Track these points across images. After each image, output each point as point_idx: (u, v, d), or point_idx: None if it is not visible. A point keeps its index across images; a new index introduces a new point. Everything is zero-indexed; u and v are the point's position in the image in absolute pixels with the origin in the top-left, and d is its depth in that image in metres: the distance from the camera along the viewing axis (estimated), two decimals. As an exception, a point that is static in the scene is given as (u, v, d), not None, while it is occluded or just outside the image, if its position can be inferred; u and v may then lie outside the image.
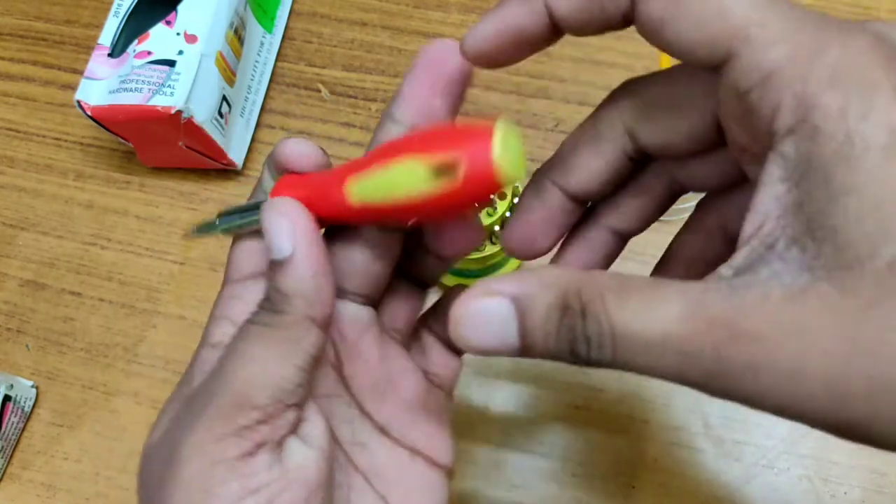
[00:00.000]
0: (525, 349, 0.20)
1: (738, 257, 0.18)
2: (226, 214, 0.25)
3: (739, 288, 0.17)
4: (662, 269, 0.27)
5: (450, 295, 0.28)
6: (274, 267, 0.22)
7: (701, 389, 0.18)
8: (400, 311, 0.27)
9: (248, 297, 0.23)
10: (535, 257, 0.25)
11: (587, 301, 0.18)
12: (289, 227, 0.22)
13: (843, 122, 0.16)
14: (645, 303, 0.18)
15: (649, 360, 0.18)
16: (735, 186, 0.24)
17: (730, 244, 0.23)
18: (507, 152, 0.19)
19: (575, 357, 0.19)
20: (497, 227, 0.38)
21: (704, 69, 0.18)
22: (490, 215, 0.37)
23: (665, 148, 0.23)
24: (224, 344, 0.23)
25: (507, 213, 0.38)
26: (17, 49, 0.53)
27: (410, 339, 0.28)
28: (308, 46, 0.52)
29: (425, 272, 0.27)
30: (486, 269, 0.42)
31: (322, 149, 0.25)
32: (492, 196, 0.38)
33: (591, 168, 0.23)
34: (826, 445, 0.40)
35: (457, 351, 0.28)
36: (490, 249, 0.39)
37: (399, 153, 0.21)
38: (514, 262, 0.43)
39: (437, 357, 0.28)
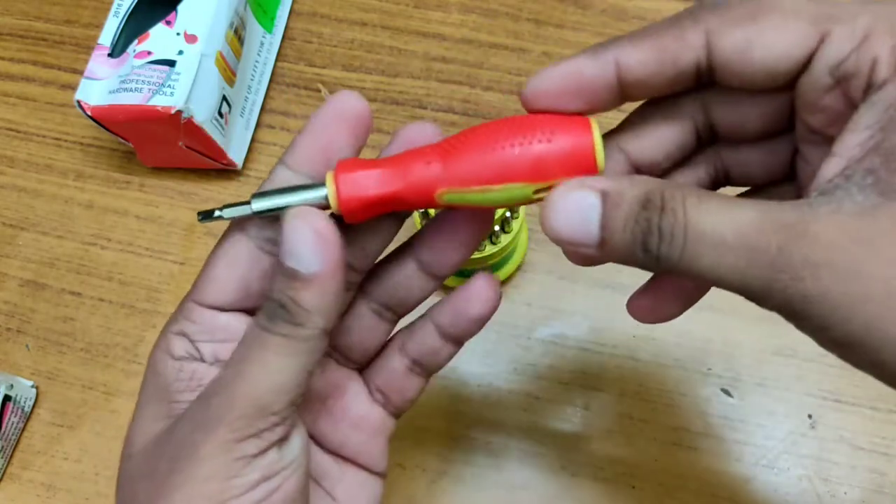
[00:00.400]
0: (603, 242, 0.21)
1: (816, 189, 0.19)
2: (260, 196, 0.24)
3: (814, 204, 0.19)
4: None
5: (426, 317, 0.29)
6: (295, 278, 0.22)
7: (758, 292, 0.19)
8: (364, 335, 0.29)
9: (216, 332, 0.25)
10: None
11: (668, 198, 0.20)
12: (319, 244, 0.22)
13: None
14: (722, 206, 0.19)
15: (716, 258, 0.19)
16: (773, 184, 0.25)
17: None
18: (601, 156, 0.22)
19: (645, 251, 0.20)
20: (497, 227, 0.38)
21: (787, 75, 0.20)
22: (490, 215, 0.37)
23: (735, 128, 0.23)
24: (186, 358, 0.25)
25: (507, 214, 0.38)
26: (17, 49, 0.53)
27: (376, 359, 0.30)
28: (308, 46, 0.52)
29: (402, 299, 0.28)
30: (485, 269, 0.42)
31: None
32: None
33: (662, 136, 0.24)
34: (826, 446, 0.40)
35: (426, 373, 0.30)
36: (490, 250, 0.39)
37: (504, 177, 0.22)
38: (514, 262, 0.43)
39: (397, 382, 0.29)
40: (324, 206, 0.23)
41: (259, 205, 0.23)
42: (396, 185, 0.23)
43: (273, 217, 0.24)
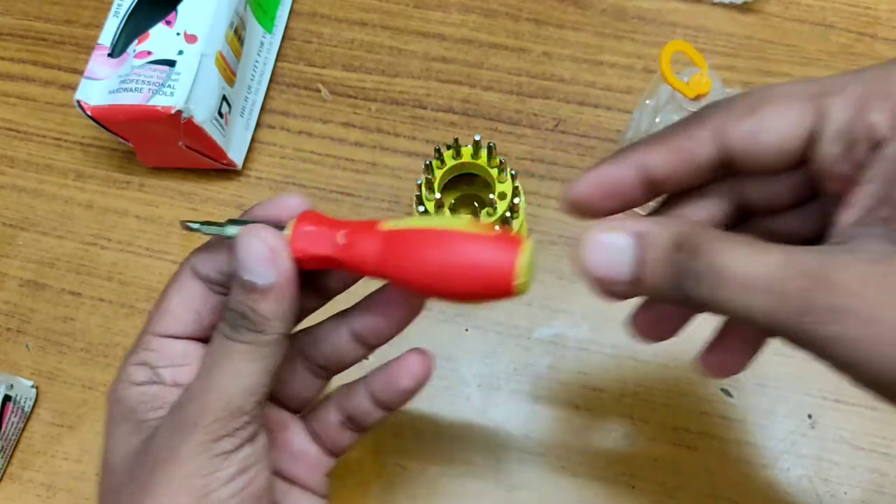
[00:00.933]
0: (635, 281, 0.22)
1: (833, 237, 0.21)
2: (234, 222, 0.27)
3: (832, 252, 0.20)
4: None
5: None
6: (253, 290, 0.25)
7: (785, 332, 0.20)
8: (300, 389, 0.31)
9: (175, 358, 0.28)
10: (591, 216, 0.26)
11: (700, 241, 0.21)
12: (272, 258, 0.25)
13: None
14: (749, 250, 0.21)
15: (746, 300, 0.20)
16: (783, 210, 0.26)
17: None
18: (525, 275, 0.24)
19: (678, 290, 0.21)
20: (497, 227, 0.38)
21: (796, 153, 0.23)
22: (490, 215, 0.37)
23: (766, 203, 0.25)
24: (147, 383, 0.27)
25: (507, 214, 0.38)
26: (17, 49, 0.53)
27: (316, 408, 0.32)
28: (308, 46, 0.52)
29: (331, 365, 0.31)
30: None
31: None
32: (492, 196, 0.38)
33: (682, 148, 0.24)
34: (826, 446, 0.40)
35: (358, 429, 0.32)
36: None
37: (428, 289, 0.25)
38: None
39: (331, 432, 0.31)
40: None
41: (232, 230, 0.26)
42: (339, 253, 0.25)
43: (230, 245, 0.26)
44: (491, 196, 0.37)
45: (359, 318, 0.29)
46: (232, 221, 0.26)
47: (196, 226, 0.27)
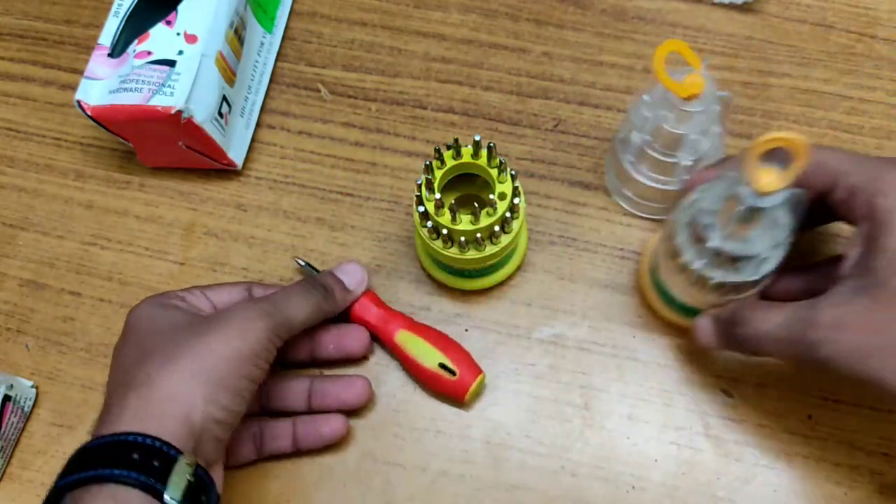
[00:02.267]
0: (719, 344, 0.37)
1: (837, 278, 0.34)
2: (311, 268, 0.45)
3: (819, 300, 0.33)
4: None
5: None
6: (343, 288, 0.41)
7: (802, 362, 0.33)
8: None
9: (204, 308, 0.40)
10: None
11: (742, 316, 0.35)
12: (363, 279, 0.42)
13: (888, 215, 0.32)
14: (767, 312, 0.34)
15: (774, 346, 0.34)
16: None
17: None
18: (471, 398, 0.41)
19: (740, 347, 0.36)
20: (497, 228, 0.38)
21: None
22: (490, 215, 0.37)
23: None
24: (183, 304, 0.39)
25: (507, 214, 0.38)
26: (17, 49, 0.53)
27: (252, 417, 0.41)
28: (308, 46, 0.52)
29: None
30: (485, 269, 0.42)
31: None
32: (492, 197, 0.38)
33: None
34: (825, 446, 0.40)
35: (256, 453, 0.41)
36: (490, 249, 0.39)
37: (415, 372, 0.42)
38: (514, 262, 0.43)
39: (238, 444, 0.40)
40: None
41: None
42: (376, 322, 0.43)
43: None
44: (491, 196, 0.37)
45: (322, 384, 0.41)
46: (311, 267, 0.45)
47: (303, 263, 0.44)
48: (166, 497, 0.31)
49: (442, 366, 0.40)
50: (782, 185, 0.30)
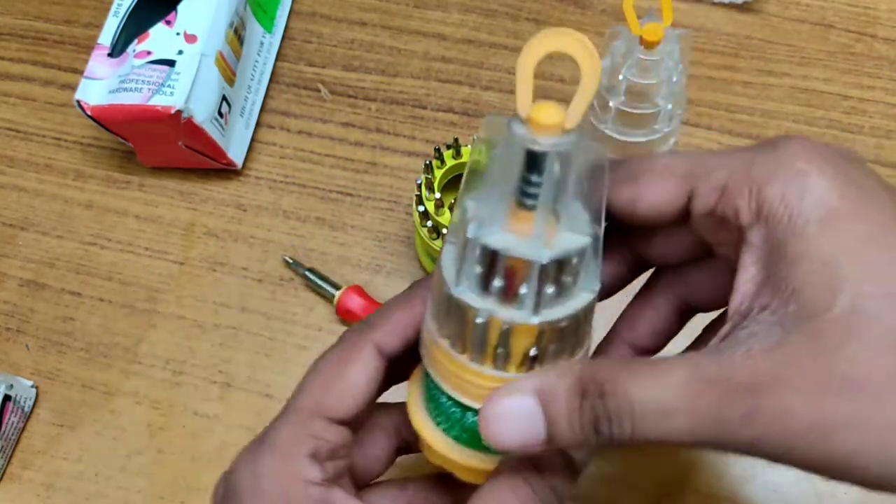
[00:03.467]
0: (551, 439, 0.21)
1: (723, 329, 0.21)
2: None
3: (725, 350, 0.20)
4: (609, 345, 0.30)
5: None
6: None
7: (715, 447, 0.20)
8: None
9: (339, 450, 0.25)
10: None
11: (603, 381, 0.21)
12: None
13: (786, 206, 0.21)
14: (653, 373, 0.20)
15: (665, 427, 0.20)
16: (691, 262, 0.27)
17: (680, 316, 0.28)
18: None
19: (598, 436, 0.21)
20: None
21: (672, 220, 0.24)
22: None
23: (661, 258, 0.27)
24: (320, 485, 0.24)
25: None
26: (17, 49, 0.53)
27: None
28: (308, 46, 0.52)
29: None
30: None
31: None
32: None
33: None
34: (826, 445, 0.40)
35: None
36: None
37: None
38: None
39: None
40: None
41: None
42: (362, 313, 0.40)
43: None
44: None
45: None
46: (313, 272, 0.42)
47: (290, 261, 0.39)
48: None
49: None
50: (568, 120, 0.22)
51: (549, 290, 0.21)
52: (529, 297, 0.21)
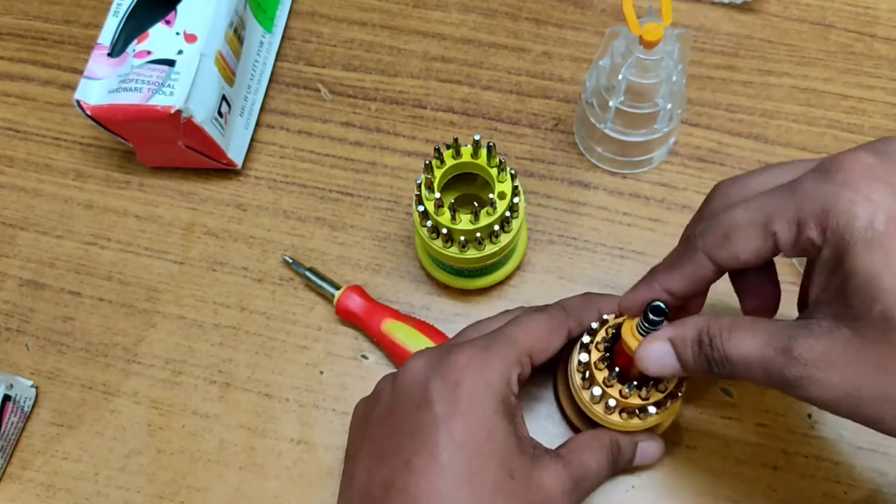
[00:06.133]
0: (682, 370, 0.32)
1: (809, 307, 0.30)
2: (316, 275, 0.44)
3: (799, 327, 0.29)
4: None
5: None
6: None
7: (779, 389, 0.29)
8: None
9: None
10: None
11: (712, 335, 0.30)
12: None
13: (842, 232, 0.27)
14: (745, 332, 0.30)
15: (748, 373, 0.30)
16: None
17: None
18: None
19: (711, 372, 0.31)
20: (497, 227, 0.38)
21: (766, 260, 0.31)
22: (489, 215, 0.37)
23: (739, 268, 0.33)
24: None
25: (507, 213, 0.38)
26: (16, 49, 0.53)
27: None
28: (308, 46, 0.52)
29: None
30: (485, 268, 0.42)
31: None
32: (492, 196, 0.38)
33: (691, 274, 0.33)
34: (826, 446, 0.40)
35: None
36: (490, 249, 0.39)
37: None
38: (514, 262, 0.43)
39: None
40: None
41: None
42: (362, 313, 0.43)
43: None
44: (491, 196, 0.37)
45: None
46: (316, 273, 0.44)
47: (290, 261, 0.44)
48: None
49: None
50: (658, 35, 0.31)
51: None
52: None
